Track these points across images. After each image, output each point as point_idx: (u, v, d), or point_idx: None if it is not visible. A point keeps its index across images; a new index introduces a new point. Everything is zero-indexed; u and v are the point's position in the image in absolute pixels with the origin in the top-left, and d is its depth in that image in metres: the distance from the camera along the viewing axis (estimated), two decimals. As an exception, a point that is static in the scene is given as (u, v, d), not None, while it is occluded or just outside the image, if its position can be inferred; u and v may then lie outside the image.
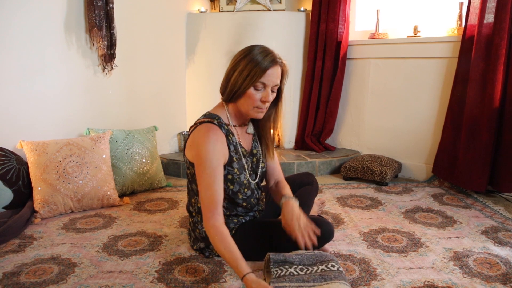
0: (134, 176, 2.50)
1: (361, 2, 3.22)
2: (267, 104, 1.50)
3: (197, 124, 1.54)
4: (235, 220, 1.63)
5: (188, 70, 3.28)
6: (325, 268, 1.38)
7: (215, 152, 1.45)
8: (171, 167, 3.00)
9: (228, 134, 1.54)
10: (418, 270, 1.58)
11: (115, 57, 2.65)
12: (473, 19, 2.45)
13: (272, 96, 1.49)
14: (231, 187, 1.57)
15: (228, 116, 1.58)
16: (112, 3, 2.55)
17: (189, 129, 1.59)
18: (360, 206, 2.33)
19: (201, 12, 3.22)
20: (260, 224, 1.67)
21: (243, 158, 1.60)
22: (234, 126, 1.60)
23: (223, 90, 1.54)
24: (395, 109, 3.00)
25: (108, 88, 2.74)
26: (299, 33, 3.26)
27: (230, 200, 1.60)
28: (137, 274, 1.54)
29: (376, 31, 3.05)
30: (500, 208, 2.27)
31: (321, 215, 2.12)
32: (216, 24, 3.16)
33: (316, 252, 1.45)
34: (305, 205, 1.88)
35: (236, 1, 3.20)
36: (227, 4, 3.25)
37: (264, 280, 1.41)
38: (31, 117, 2.35)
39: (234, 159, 1.56)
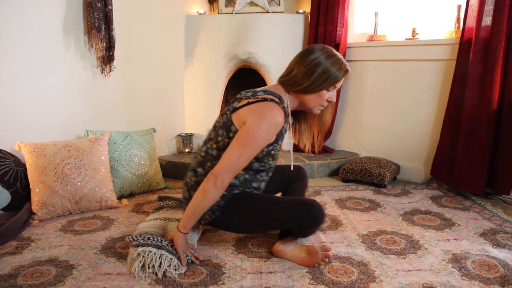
0: (133, 178, 2.50)
1: (359, 5, 3.23)
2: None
3: (259, 99, 1.56)
4: (241, 188, 1.66)
5: (187, 72, 3.28)
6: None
7: (267, 135, 1.53)
8: (169, 169, 2.99)
9: (285, 116, 1.63)
10: (416, 272, 1.58)
11: (113, 59, 2.65)
12: (471, 22, 2.46)
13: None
14: (271, 162, 1.65)
15: (288, 102, 1.65)
16: (111, 5, 2.55)
17: (242, 96, 1.61)
18: (359, 208, 2.33)
19: (200, 14, 3.22)
20: (258, 197, 1.67)
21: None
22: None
23: (292, 83, 1.60)
24: (394, 111, 3.01)
25: (106, 90, 2.74)
26: (297, 35, 3.26)
27: (255, 172, 1.64)
28: (135, 276, 1.54)
29: (374, 33, 3.06)
30: (498, 210, 2.27)
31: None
32: (215, 26, 3.17)
33: None
34: None
35: (235, 3, 3.21)
36: (226, 6, 3.25)
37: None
38: (30, 119, 2.35)
39: (281, 138, 1.64)
